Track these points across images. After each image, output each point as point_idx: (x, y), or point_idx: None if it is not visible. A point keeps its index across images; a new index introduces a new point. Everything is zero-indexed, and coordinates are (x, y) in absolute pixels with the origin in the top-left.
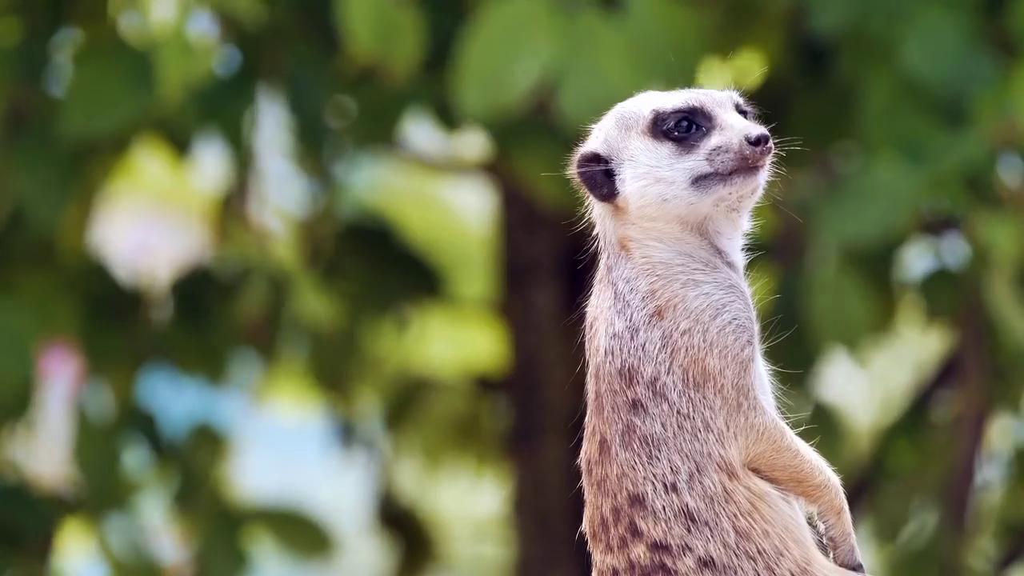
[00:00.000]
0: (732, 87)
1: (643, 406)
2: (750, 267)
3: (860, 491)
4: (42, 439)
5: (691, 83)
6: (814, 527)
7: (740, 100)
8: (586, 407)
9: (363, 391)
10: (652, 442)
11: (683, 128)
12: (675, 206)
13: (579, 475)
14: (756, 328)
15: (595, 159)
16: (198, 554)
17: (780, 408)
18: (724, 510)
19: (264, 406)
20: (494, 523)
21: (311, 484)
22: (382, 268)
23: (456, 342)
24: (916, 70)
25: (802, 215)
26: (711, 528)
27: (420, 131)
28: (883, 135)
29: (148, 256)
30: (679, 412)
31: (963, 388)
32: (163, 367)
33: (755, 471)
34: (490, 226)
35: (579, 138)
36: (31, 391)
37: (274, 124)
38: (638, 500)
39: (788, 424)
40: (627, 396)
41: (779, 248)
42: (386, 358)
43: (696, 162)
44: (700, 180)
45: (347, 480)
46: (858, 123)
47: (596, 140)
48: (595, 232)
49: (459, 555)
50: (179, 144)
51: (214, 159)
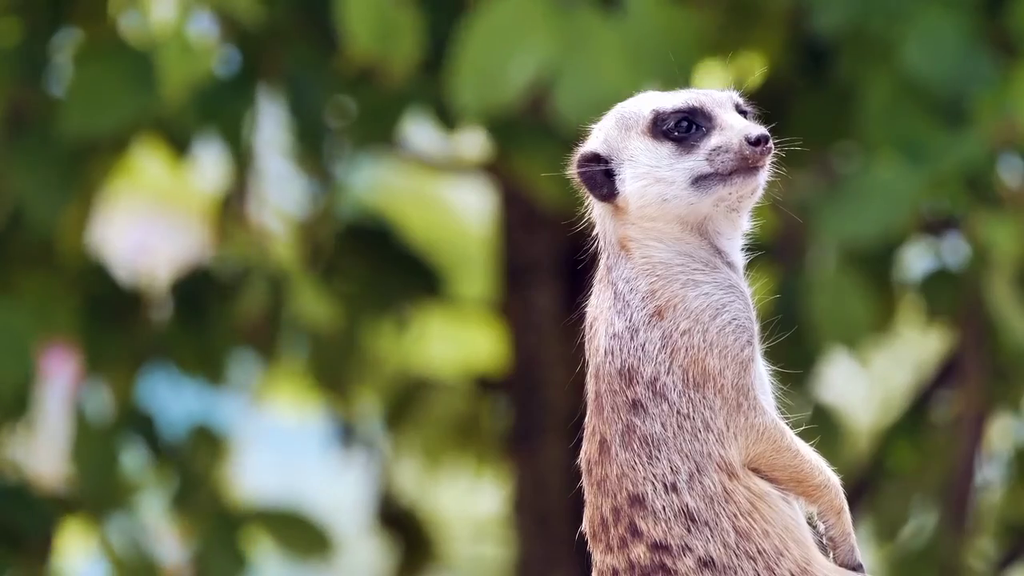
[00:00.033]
0: (732, 87)
1: (643, 406)
2: (750, 267)
3: (860, 491)
4: (42, 439)
5: (688, 83)
6: (814, 527)
7: (740, 100)
8: (586, 407)
9: (363, 391)
10: (652, 442)
11: (683, 128)
12: (675, 206)
13: (579, 475)
14: (756, 328)
15: (595, 159)
16: (197, 555)
17: (780, 408)
18: (724, 510)
19: (264, 406)
20: (494, 523)
21: (311, 484)
22: (382, 268)
23: (456, 342)
24: (916, 70)
25: (802, 215)
26: (711, 528)
27: (420, 131)
28: (883, 135)
29: (148, 256)
30: (679, 412)
31: (963, 388)
32: (162, 367)
33: (755, 471)
34: (490, 226)
35: (579, 138)
36: (31, 391)
37: (274, 124)
38: (638, 500)
39: (788, 424)
40: (627, 396)
41: (779, 248)
42: (386, 358)
43: (696, 162)
44: (700, 180)
45: (347, 480)
46: (858, 123)
47: (596, 140)
48: (595, 232)
49: (459, 555)
50: (179, 144)
51: (214, 159)
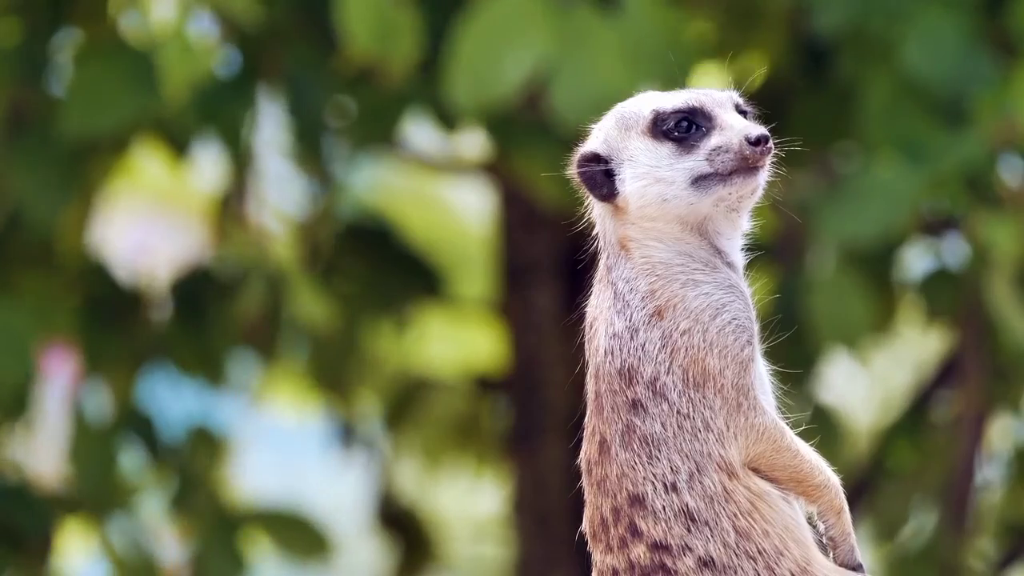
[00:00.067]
0: (732, 87)
1: (643, 406)
2: (750, 267)
3: (860, 491)
4: (41, 439)
5: (687, 83)
6: (814, 527)
7: (740, 100)
8: (586, 407)
9: (363, 391)
10: (652, 442)
11: (683, 128)
12: (675, 206)
13: (579, 475)
14: (756, 328)
15: (595, 159)
16: (196, 555)
17: (780, 408)
18: (724, 510)
19: (264, 407)
20: (494, 523)
21: (311, 484)
22: (382, 268)
23: (456, 342)
24: (916, 70)
25: (802, 215)
26: (711, 528)
27: (420, 131)
28: (883, 135)
29: (147, 256)
30: (679, 412)
31: (963, 388)
32: (162, 367)
33: (755, 471)
34: (490, 226)
35: (579, 138)
36: (30, 391)
37: (274, 124)
38: (638, 500)
39: (788, 424)
40: (627, 396)
41: (779, 248)
42: (386, 358)
43: (696, 162)
44: (700, 180)
45: (347, 480)
46: (858, 123)
47: (596, 140)
48: (595, 232)
49: (459, 555)
50: (179, 144)
51: (213, 159)
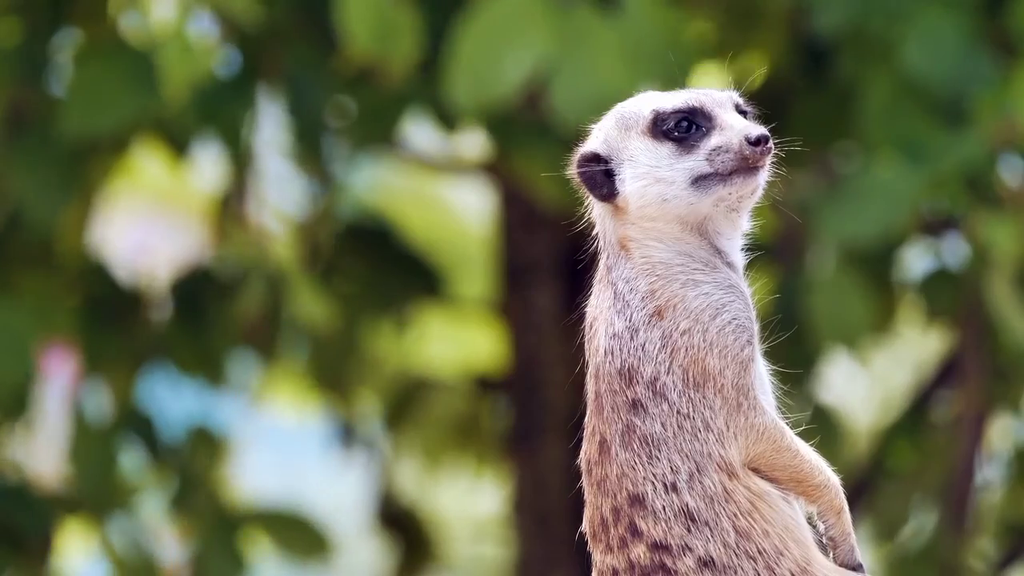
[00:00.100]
0: (732, 87)
1: (643, 406)
2: (750, 267)
3: (860, 491)
4: (41, 439)
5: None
6: (814, 527)
7: (740, 100)
8: (586, 407)
9: (363, 391)
10: (652, 442)
11: (683, 128)
12: (675, 206)
13: (579, 475)
14: (756, 328)
15: (595, 159)
16: (196, 555)
17: (780, 408)
18: (724, 510)
19: (264, 407)
20: (494, 523)
21: (311, 484)
22: (382, 268)
23: (456, 342)
24: (916, 70)
25: (802, 215)
26: (711, 528)
27: (420, 131)
28: (883, 135)
29: (147, 256)
30: (679, 412)
31: (963, 388)
32: (162, 367)
33: (755, 471)
34: (490, 226)
35: (579, 138)
36: (30, 391)
37: (274, 124)
38: (638, 500)
39: (788, 424)
40: (627, 396)
41: (779, 248)
42: (386, 358)
43: (696, 162)
44: (700, 180)
45: (347, 480)
46: (858, 123)
47: (596, 140)
48: (595, 232)
49: (459, 555)
50: (178, 144)
51: (213, 159)
